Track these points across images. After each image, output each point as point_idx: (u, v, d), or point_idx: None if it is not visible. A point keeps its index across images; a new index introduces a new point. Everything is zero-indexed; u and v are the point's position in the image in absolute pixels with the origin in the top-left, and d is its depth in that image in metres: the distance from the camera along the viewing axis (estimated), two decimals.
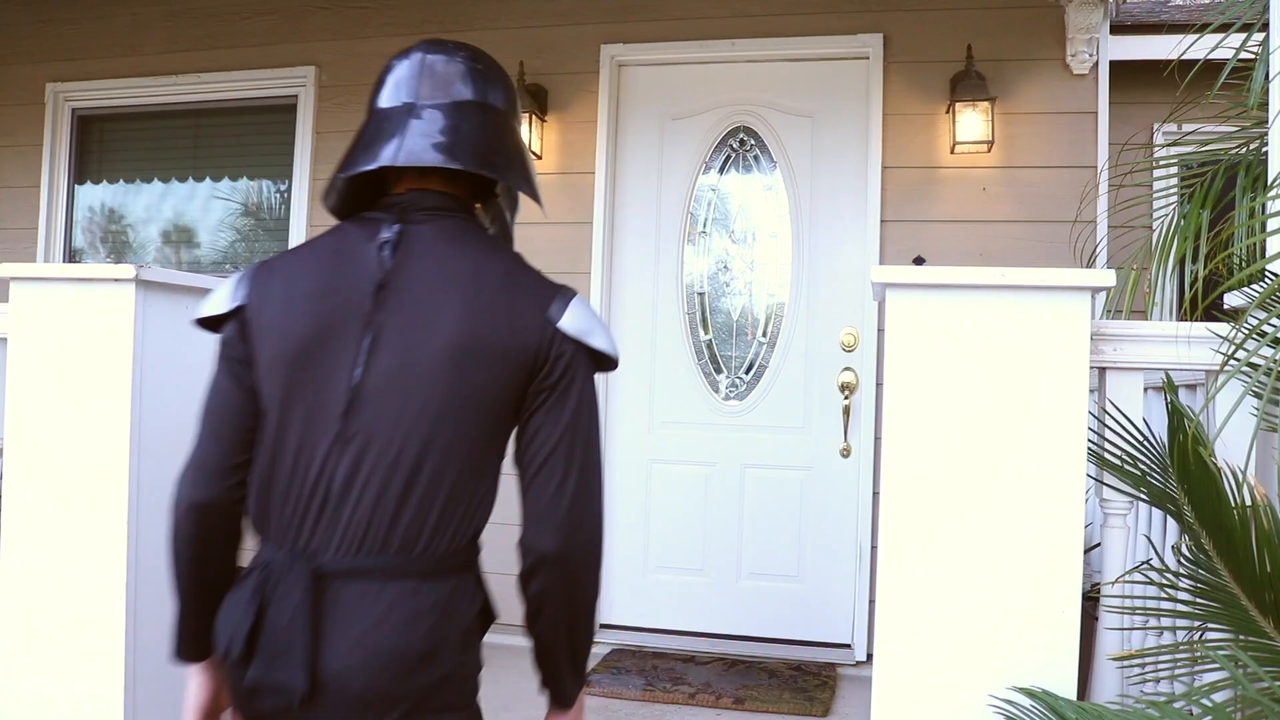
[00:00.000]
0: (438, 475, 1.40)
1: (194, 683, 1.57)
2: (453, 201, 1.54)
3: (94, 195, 5.40)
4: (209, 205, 5.23)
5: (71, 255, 5.37)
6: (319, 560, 1.39)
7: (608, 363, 1.52)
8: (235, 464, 1.48)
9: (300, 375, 1.43)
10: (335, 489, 1.40)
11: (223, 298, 1.51)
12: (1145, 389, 2.09)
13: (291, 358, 1.43)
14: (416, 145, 1.47)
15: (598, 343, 1.49)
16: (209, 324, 1.53)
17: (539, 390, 1.45)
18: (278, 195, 5.12)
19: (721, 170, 4.56)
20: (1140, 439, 1.97)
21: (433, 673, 1.40)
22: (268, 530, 1.45)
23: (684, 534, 4.48)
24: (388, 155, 1.47)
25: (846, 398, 4.29)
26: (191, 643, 1.54)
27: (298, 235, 4.91)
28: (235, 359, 1.48)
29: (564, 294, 1.48)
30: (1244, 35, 2.58)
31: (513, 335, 1.42)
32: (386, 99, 1.54)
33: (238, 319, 1.48)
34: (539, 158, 4.56)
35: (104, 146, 5.43)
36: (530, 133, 4.47)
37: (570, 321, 1.46)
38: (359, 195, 1.61)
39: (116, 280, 2.33)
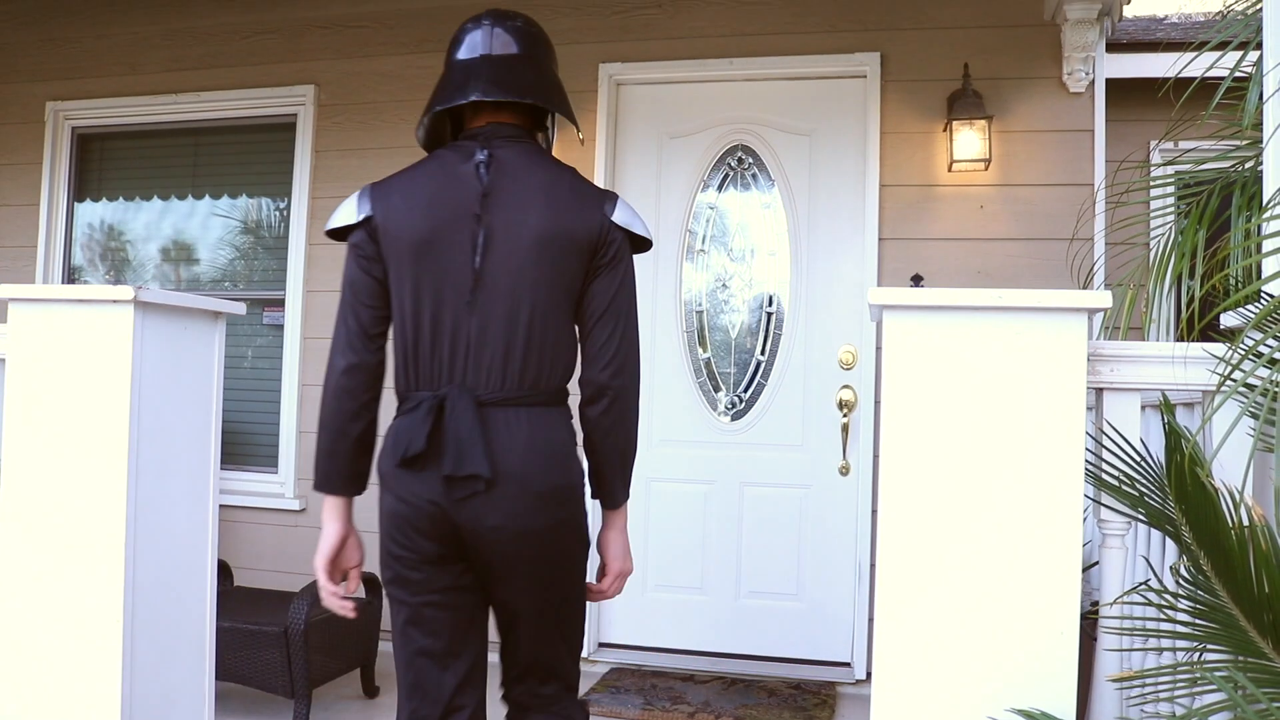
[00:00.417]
0: (543, 332, 1.95)
1: (328, 530, 2.06)
2: (522, 131, 2.07)
3: (93, 213, 5.41)
4: (208, 223, 5.24)
5: (71, 273, 5.37)
6: (476, 393, 1.92)
7: (644, 244, 2.09)
8: (373, 334, 2.01)
9: (425, 263, 1.95)
10: (473, 344, 1.93)
11: (350, 212, 2.02)
12: (1143, 407, 2.10)
13: (416, 251, 1.95)
14: (496, 84, 1.99)
15: (638, 229, 2.07)
16: (336, 234, 2.06)
17: (597, 265, 2.01)
18: (277, 213, 5.13)
19: (720, 188, 4.57)
20: (1138, 459, 1.97)
21: (571, 472, 1.99)
22: (418, 379, 1.97)
23: (683, 552, 4.48)
24: (476, 92, 1.97)
25: (845, 415, 4.29)
26: (333, 477, 2.04)
27: (297, 253, 4.91)
28: (366, 256, 2.01)
29: (613, 196, 2.05)
30: (1239, 54, 2.59)
31: (581, 226, 1.97)
32: (464, 53, 2.05)
33: (366, 226, 2.00)
34: None
35: (104, 164, 5.44)
36: None
37: (619, 215, 2.03)
38: (439, 131, 2.16)
39: (115, 301, 2.33)
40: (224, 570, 4.11)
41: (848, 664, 4.28)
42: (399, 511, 1.95)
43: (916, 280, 4.14)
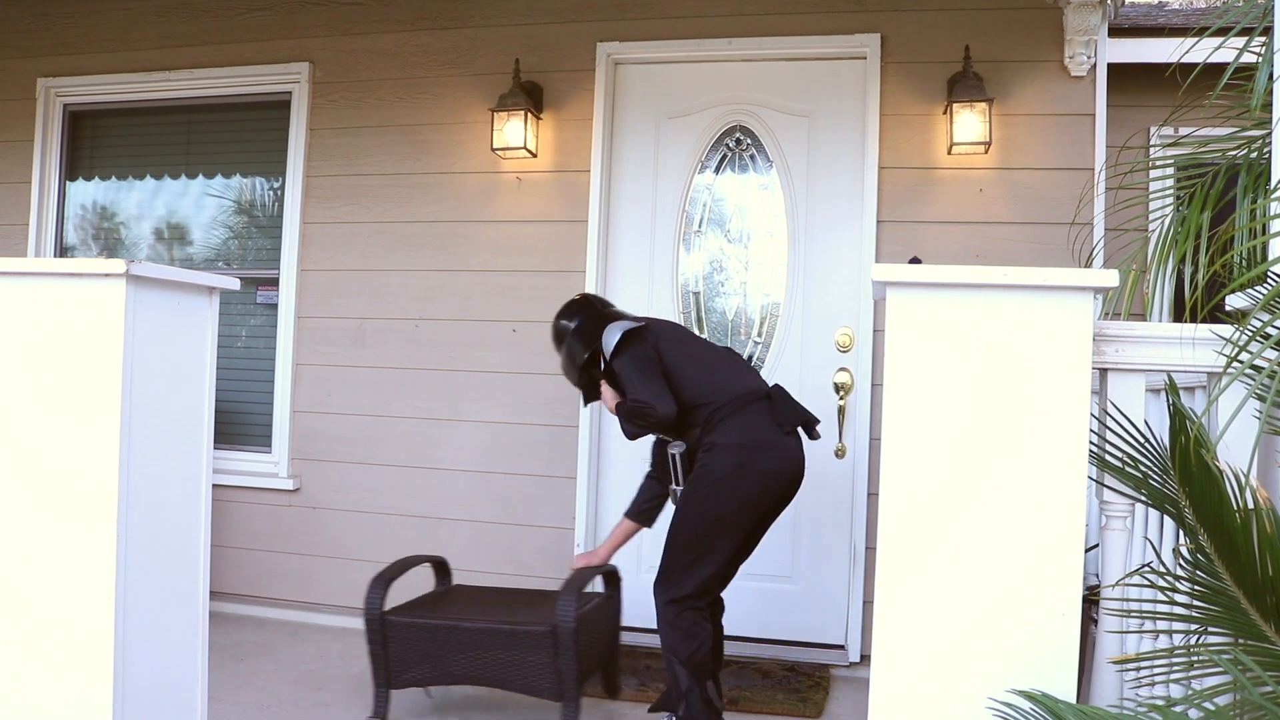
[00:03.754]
0: None
1: None
2: None
3: (86, 192, 5.37)
4: (202, 202, 5.20)
5: (63, 252, 5.34)
6: None
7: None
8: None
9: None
10: None
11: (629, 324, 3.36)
12: (1145, 390, 2.08)
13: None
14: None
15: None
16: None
17: None
18: (271, 193, 5.09)
19: (717, 170, 4.54)
20: (1141, 440, 1.95)
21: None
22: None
23: None
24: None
25: (842, 398, 4.28)
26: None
27: (291, 232, 4.87)
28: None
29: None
30: (1244, 39, 2.57)
31: None
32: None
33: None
34: (534, 155, 4.54)
35: (96, 143, 5.40)
36: (525, 130, 4.45)
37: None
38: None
39: (106, 275, 2.29)
40: (443, 568, 3.93)
41: (842, 647, 4.27)
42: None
43: (915, 263, 4.11)
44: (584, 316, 3.45)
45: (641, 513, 3.59)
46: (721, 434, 3.12)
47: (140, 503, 2.38)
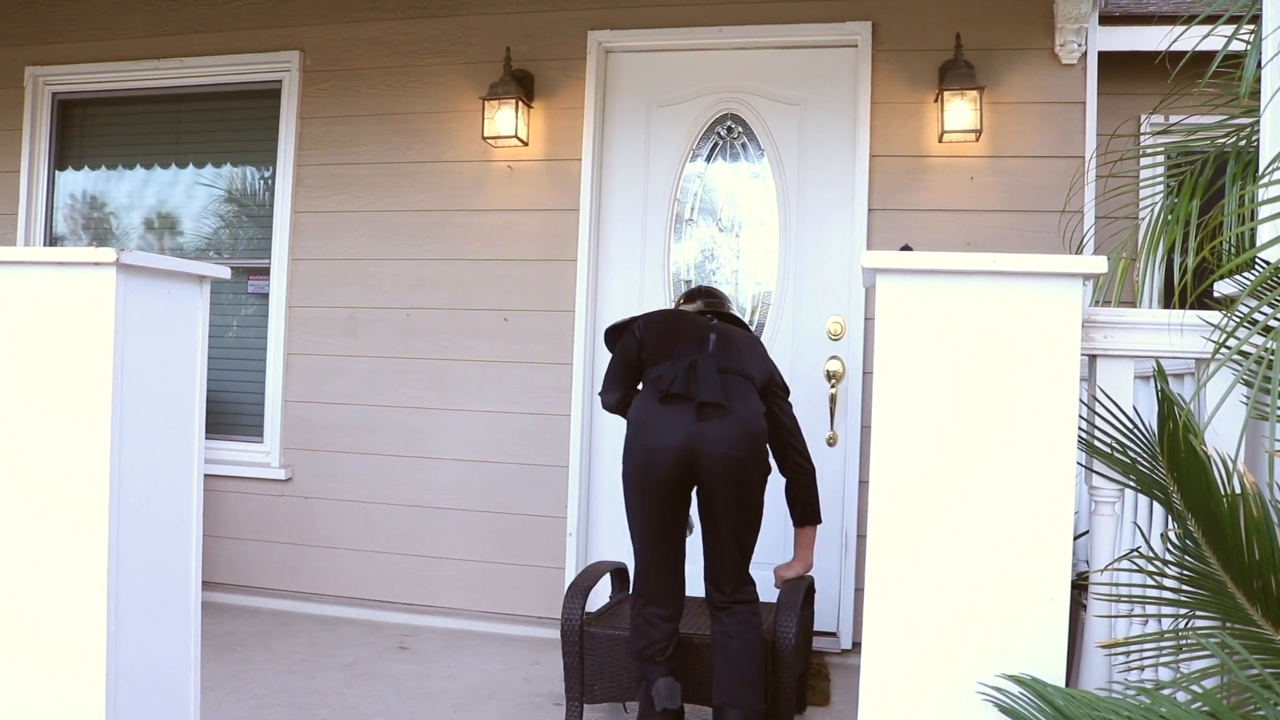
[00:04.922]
0: None
1: None
2: None
3: (75, 181, 5.35)
4: (192, 191, 5.18)
5: (53, 241, 5.32)
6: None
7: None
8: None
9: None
10: None
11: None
12: (1133, 377, 2.09)
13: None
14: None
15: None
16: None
17: None
18: (261, 182, 5.08)
19: (709, 158, 4.54)
20: (1130, 427, 1.96)
21: None
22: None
23: None
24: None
25: (833, 386, 4.29)
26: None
27: (282, 221, 4.86)
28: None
29: None
30: (1233, 26, 2.58)
31: None
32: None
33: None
34: (525, 144, 4.54)
35: (85, 131, 5.37)
36: (516, 119, 4.44)
37: None
38: None
39: (96, 264, 2.28)
40: (621, 575, 3.83)
41: (834, 634, 4.29)
42: None
43: (906, 250, 4.12)
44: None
45: (801, 515, 3.41)
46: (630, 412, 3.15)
47: (131, 494, 2.38)
